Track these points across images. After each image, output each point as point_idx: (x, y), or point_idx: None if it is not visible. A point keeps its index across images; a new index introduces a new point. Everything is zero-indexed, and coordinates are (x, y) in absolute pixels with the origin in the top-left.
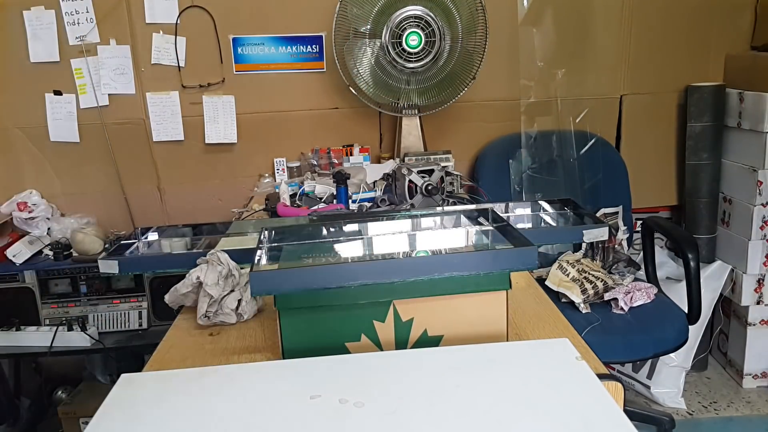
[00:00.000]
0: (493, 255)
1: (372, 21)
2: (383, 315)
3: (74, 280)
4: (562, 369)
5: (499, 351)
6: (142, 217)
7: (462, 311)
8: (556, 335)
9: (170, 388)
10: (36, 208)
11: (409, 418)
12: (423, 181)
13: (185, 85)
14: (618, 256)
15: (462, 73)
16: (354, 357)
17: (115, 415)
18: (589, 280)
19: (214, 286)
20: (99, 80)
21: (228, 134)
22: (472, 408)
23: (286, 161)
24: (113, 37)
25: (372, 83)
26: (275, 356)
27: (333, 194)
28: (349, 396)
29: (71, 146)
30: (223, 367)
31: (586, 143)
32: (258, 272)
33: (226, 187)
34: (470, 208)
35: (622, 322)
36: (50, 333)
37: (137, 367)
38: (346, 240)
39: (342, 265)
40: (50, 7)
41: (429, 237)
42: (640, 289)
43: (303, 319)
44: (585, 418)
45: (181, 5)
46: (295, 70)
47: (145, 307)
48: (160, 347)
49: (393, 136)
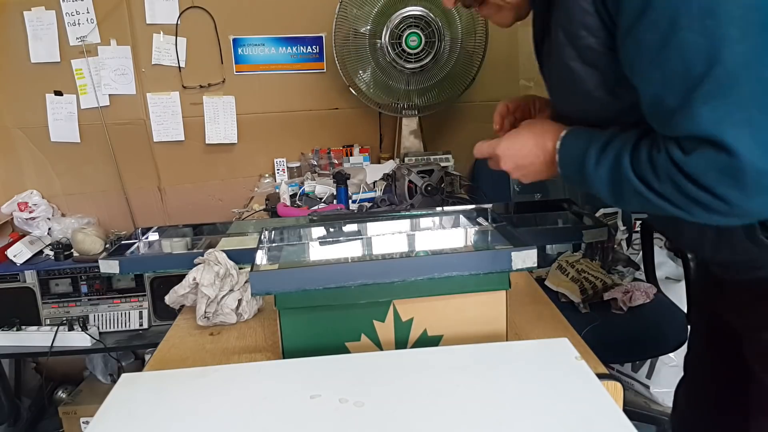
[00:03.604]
0: (492, 255)
1: (372, 21)
2: (383, 315)
3: (75, 280)
4: (561, 369)
5: (498, 351)
6: (143, 217)
7: (462, 311)
8: (555, 335)
9: (170, 388)
10: (37, 208)
11: (409, 418)
12: (423, 181)
13: (186, 86)
14: (617, 256)
15: (462, 73)
16: (354, 357)
17: (116, 415)
18: (588, 280)
19: (210, 287)
20: (100, 81)
21: (228, 134)
22: (472, 408)
23: (286, 161)
24: (114, 37)
25: (372, 84)
26: (275, 356)
27: (333, 194)
28: (349, 396)
29: (72, 146)
30: (223, 367)
31: None
32: (258, 272)
33: (227, 187)
34: (469, 208)
35: (622, 322)
36: (51, 333)
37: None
38: (346, 240)
39: (342, 265)
40: (51, 7)
41: (429, 237)
42: (640, 289)
43: (303, 319)
44: (584, 417)
45: (182, 6)
46: (295, 70)
47: (146, 307)
48: (160, 347)
49: (393, 137)
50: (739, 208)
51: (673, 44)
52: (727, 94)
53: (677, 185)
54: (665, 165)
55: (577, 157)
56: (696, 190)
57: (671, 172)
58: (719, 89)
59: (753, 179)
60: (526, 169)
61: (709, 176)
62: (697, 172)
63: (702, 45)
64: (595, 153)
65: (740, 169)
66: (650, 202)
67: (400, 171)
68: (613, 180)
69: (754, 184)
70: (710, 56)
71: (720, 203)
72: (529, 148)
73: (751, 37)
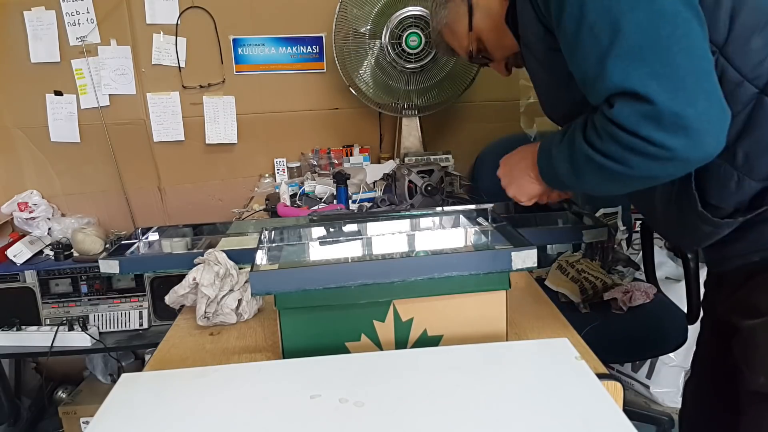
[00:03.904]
0: (492, 255)
1: (372, 21)
2: (383, 315)
3: (75, 280)
4: (561, 369)
5: (498, 351)
6: (143, 217)
7: (462, 311)
8: (555, 335)
9: (170, 388)
10: (37, 208)
11: (409, 418)
12: (423, 181)
13: (186, 86)
14: (617, 256)
15: (462, 73)
16: (354, 357)
17: (116, 415)
18: (588, 280)
19: (210, 287)
20: (100, 81)
21: (228, 134)
22: (472, 407)
23: (286, 161)
24: (114, 37)
25: (372, 84)
26: (275, 356)
27: (333, 194)
28: (349, 396)
29: (72, 146)
30: (223, 367)
31: None
32: (258, 272)
33: (227, 187)
34: (469, 208)
35: (622, 322)
36: (51, 333)
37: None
38: (346, 240)
39: (342, 265)
40: (51, 7)
41: (429, 237)
42: (640, 289)
43: (303, 319)
44: (584, 417)
45: (182, 6)
46: (295, 70)
47: (146, 307)
48: (160, 347)
49: (393, 137)
50: (669, 151)
51: (584, 26)
52: (630, 54)
53: (612, 136)
54: (601, 121)
55: (548, 144)
56: (627, 136)
57: (606, 126)
58: (623, 51)
59: (669, 119)
60: (515, 168)
61: (633, 120)
62: (622, 117)
63: (604, 21)
64: (560, 135)
65: (655, 111)
66: (599, 166)
67: (400, 171)
68: (571, 154)
69: (672, 124)
70: (612, 28)
71: (649, 146)
72: (519, 153)
73: (641, 7)
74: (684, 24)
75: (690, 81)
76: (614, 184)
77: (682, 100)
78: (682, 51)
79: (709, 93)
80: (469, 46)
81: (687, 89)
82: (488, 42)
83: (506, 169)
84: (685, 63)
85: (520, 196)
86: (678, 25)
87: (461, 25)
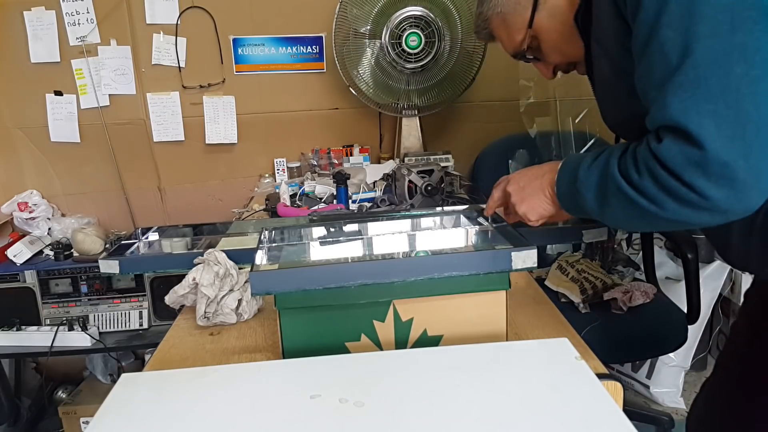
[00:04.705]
0: (492, 255)
1: (372, 21)
2: (383, 315)
3: (75, 280)
4: (561, 369)
5: (498, 351)
6: (143, 217)
7: (462, 311)
8: (555, 335)
9: (170, 388)
10: (37, 208)
11: (409, 418)
12: (423, 181)
13: (186, 86)
14: (617, 256)
15: (462, 73)
16: (354, 357)
17: (116, 415)
18: (588, 280)
19: (210, 287)
20: (99, 81)
21: (228, 134)
22: (472, 408)
23: (286, 161)
24: (114, 37)
25: (372, 84)
26: (275, 356)
27: (333, 194)
28: (349, 396)
29: (72, 146)
30: (223, 367)
31: (585, 143)
32: (258, 272)
33: (227, 187)
34: (470, 208)
35: (622, 321)
36: (51, 333)
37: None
38: (346, 240)
39: (342, 265)
40: (51, 7)
41: (429, 237)
42: (640, 289)
43: (303, 319)
44: (584, 417)
45: (182, 6)
46: (295, 70)
47: (146, 307)
48: (160, 347)
49: (393, 137)
50: (709, 201)
51: (655, 40)
52: (695, 86)
53: (652, 173)
54: (644, 154)
55: (574, 165)
56: (668, 177)
57: (648, 160)
58: (689, 81)
59: (716, 169)
60: (528, 186)
61: (678, 162)
62: (667, 157)
63: (677, 40)
64: (590, 159)
65: (704, 157)
66: (630, 200)
67: (400, 171)
68: (600, 181)
69: (719, 174)
70: (683, 51)
71: (689, 192)
72: (534, 170)
73: (721, 36)
74: (761, 65)
75: (751, 130)
76: (639, 222)
77: (736, 149)
78: (751, 95)
79: (766, 146)
80: (523, 42)
81: (745, 139)
82: (546, 42)
83: (518, 186)
84: (750, 109)
85: (531, 215)
86: (755, 64)
87: (519, 18)
